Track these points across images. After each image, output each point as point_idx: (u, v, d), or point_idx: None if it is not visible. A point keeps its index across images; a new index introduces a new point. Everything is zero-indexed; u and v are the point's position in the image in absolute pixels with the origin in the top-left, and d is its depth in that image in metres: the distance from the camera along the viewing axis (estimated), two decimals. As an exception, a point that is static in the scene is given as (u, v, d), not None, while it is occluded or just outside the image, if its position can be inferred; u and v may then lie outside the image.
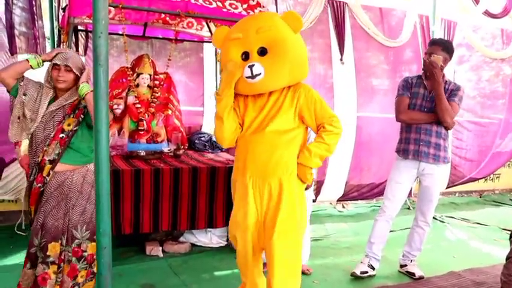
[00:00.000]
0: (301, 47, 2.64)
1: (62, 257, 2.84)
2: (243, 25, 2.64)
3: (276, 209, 2.62)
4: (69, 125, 2.83)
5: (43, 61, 2.80)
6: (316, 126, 2.66)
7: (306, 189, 2.86)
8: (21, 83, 2.80)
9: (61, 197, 2.84)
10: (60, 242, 2.83)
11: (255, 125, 2.65)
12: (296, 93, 2.62)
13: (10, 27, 4.44)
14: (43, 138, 2.81)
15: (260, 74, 2.49)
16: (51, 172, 2.82)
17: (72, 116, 2.83)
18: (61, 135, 2.81)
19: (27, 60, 2.79)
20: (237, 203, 2.78)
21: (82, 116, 2.86)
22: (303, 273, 3.77)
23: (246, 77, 2.53)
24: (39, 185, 2.82)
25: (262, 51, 2.51)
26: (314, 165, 2.64)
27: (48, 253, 2.80)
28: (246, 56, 2.55)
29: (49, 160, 2.81)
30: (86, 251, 2.91)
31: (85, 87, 2.76)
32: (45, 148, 2.80)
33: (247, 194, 2.67)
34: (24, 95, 2.80)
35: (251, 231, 2.70)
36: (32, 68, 2.79)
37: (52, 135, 2.80)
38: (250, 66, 2.50)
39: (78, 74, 2.80)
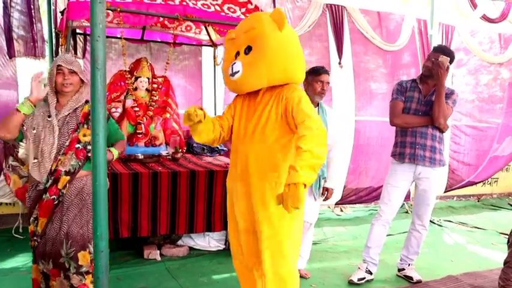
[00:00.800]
0: (287, 44, 2.50)
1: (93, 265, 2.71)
2: (238, 26, 2.64)
3: (262, 222, 2.53)
4: (84, 135, 2.73)
5: (33, 103, 2.65)
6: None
7: None
8: (24, 127, 2.67)
9: (81, 203, 2.75)
10: (88, 250, 2.75)
11: (248, 131, 2.58)
12: (280, 94, 2.51)
13: (8, 30, 4.45)
14: (58, 146, 2.68)
15: (238, 71, 2.47)
16: (67, 185, 2.71)
17: (86, 125, 2.74)
18: (77, 146, 2.71)
19: (17, 110, 2.63)
20: (228, 208, 2.77)
21: None
22: (301, 277, 3.78)
23: (228, 75, 2.55)
24: (54, 197, 2.69)
25: (248, 49, 2.49)
26: (306, 180, 2.12)
27: (80, 263, 2.73)
28: (237, 55, 2.56)
29: (65, 171, 2.70)
30: None
31: (115, 153, 2.89)
32: (59, 157, 2.69)
33: (235, 200, 2.66)
34: (34, 129, 2.67)
35: (240, 237, 2.68)
36: (26, 115, 2.64)
37: (67, 144, 2.70)
38: (232, 65, 2.51)
39: (81, 76, 2.74)
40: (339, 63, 5.73)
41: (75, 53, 4.77)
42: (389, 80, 6.19)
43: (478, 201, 7.68)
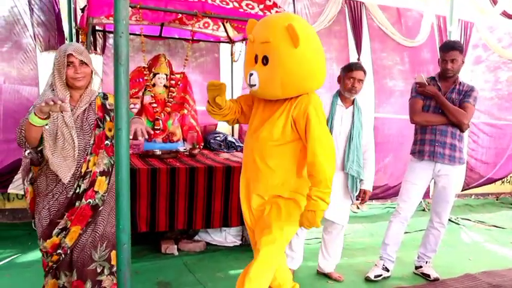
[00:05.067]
0: (302, 61, 2.44)
1: None
2: (257, 29, 2.55)
3: (262, 217, 2.66)
4: (110, 130, 2.52)
5: (46, 116, 2.18)
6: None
7: None
8: (47, 126, 2.27)
9: (112, 199, 2.50)
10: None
11: (254, 128, 2.66)
12: (293, 104, 2.54)
13: (32, 27, 4.52)
14: (83, 145, 2.43)
15: (255, 85, 2.50)
16: (107, 187, 2.50)
17: (109, 118, 2.53)
18: (106, 143, 2.51)
19: (31, 124, 2.19)
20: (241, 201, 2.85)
21: None
22: (335, 280, 3.80)
23: (248, 84, 2.57)
24: (90, 200, 2.44)
25: (266, 60, 2.45)
26: (324, 207, 2.49)
27: (112, 263, 2.57)
28: (255, 59, 2.53)
29: (100, 172, 2.48)
30: None
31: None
32: (87, 157, 2.44)
33: (243, 194, 2.76)
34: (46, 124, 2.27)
35: (250, 229, 2.82)
36: (45, 125, 2.23)
37: (92, 142, 2.45)
38: (250, 75, 2.52)
39: (91, 67, 2.48)
40: (358, 59, 5.70)
41: (95, 49, 4.82)
42: (408, 77, 6.14)
43: (497, 199, 7.59)
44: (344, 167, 3.54)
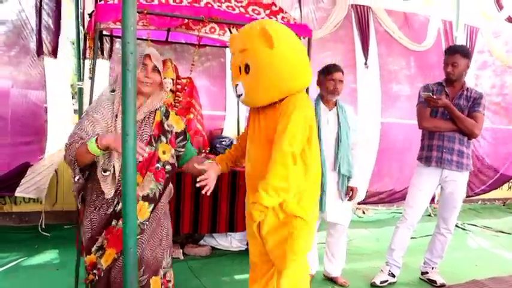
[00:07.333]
0: (277, 63, 2.39)
1: None
2: (235, 40, 2.56)
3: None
4: (164, 152, 2.32)
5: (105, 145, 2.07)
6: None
7: None
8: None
9: (156, 222, 2.34)
10: (159, 275, 2.36)
11: (253, 137, 2.59)
12: (279, 110, 2.45)
13: (38, 31, 4.55)
14: None
15: (242, 94, 2.47)
16: (150, 215, 2.28)
17: (165, 140, 2.34)
18: (157, 166, 2.28)
19: (89, 152, 2.09)
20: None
21: (179, 149, 2.43)
22: (341, 285, 3.80)
23: (236, 96, 2.55)
24: None
25: (247, 68, 2.42)
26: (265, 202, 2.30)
27: None
28: (239, 70, 2.49)
29: (143, 196, 2.24)
30: (170, 281, 2.45)
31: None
32: None
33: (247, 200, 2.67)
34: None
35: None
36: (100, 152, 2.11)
37: (140, 159, 2.16)
38: (235, 86, 2.49)
39: (162, 78, 2.36)
40: (365, 63, 5.70)
41: (102, 53, 4.85)
42: (414, 82, 6.15)
43: (504, 205, 7.56)
44: (335, 167, 3.56)
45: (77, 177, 2.22)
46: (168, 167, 2.33)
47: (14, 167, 4.48)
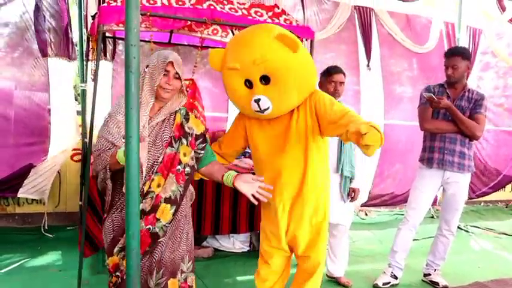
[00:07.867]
0: (304, 64, 2.45)
1: None
2: (237, 54, 2.44)
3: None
4: (185, 154, 2.33)
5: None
6: (329, 124, 2.43)
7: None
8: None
9: (175, 224, 2.35)
10: (177, 277, 2.36)
11: (278, 147, 2.57)
12: (307, 105, 2.51)
13: (42, 32, 4.56)
14: (151, 162, 2.24)
15: (268, 108, 2.40)
16: (172, 217, 2.28)
17: (185, 142, 2.35)
18: (178, 168, 2.30)
19: (119, 162, 2.10)
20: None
21: (199, 151, 2.41)
22: (344, 285, 3.79)
23: (255, 111, 2.45)
24: (150, 226, 2.21)
25: (265, 79, 2.37)
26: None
27: None
28: (249, 83, 2.43)
29: (165, 198, 2.25)
30: (192, 286, 2.44)
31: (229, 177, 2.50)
32: (152, 176, 2.23)
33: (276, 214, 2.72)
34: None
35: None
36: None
37: (160, 160, 2.25)
38: (257, 101, 2.38)
39: (182, 83, 2.35)
40: (367, 65, 5.70)
41: (105, 55, 4.86)
42: (416, 84, 6.13)
43: (506, 207, 7.54)
44: (337, 168, 3.58)
45: (108, 182, 2.26)
46: (187, 169, 2.34)
47: (17, 168, 4.48)
